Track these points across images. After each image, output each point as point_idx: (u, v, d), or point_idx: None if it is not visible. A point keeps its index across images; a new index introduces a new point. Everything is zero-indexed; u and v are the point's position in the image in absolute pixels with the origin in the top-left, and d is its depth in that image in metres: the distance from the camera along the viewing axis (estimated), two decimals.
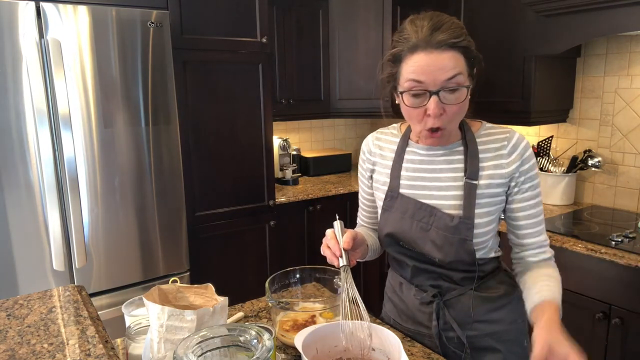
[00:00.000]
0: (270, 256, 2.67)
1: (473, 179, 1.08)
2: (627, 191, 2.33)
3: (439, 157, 1.13)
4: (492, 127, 1.15)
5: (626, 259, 1.75)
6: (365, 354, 0.96)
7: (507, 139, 1.10)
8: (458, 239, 1.08)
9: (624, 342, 1.80)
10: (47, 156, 1.86)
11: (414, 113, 1.04)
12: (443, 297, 1.16)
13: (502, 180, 1.10)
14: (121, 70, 1.98)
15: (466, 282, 1.14)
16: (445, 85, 0.99)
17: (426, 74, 0.98)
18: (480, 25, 2.46)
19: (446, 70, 0.98)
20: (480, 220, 1.09)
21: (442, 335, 1.16)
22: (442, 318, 1.16)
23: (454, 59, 0.99)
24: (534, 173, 1.11)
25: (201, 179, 2.39)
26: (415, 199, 1.13)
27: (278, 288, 1.22)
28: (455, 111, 1.02)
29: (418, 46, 0.99)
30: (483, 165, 1.10)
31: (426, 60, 0.98)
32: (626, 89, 2.27)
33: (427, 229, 1.11)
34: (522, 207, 1.12)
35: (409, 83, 1.01)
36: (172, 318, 0.88)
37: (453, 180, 1.11)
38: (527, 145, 1.11)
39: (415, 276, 1.20)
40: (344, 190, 2.92)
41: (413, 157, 1.16)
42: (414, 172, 1.15)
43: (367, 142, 1.27)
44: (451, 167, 1.12)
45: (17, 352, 0.76)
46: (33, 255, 1.90)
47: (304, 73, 3.00)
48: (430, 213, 1.11)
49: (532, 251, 1.14)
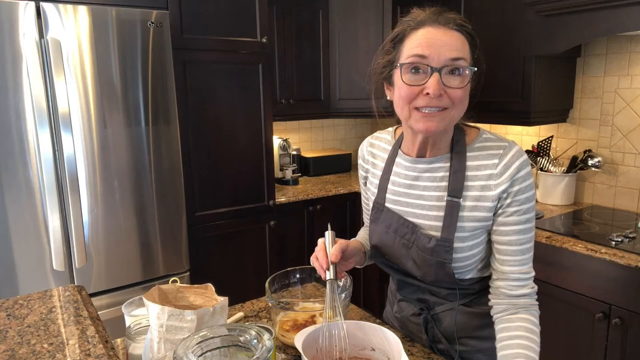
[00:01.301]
0: (270, 256, 2.67)
1: (455, 196, 1.00)
2: (627, 191, 2.33)
3: (424, 172, 1.06)
4: (489, 138, 1.04)
5: (626, 259, 1.75)
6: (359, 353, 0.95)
7: (500, 156, 0.99)
8: (436, 261, 1.02)
9: (624, 342, 1.80)
10: (47, 156, 1.86)
11: (409, 92, 0.94)
12: (431, 310, 1.13)
13: (489, 203, 0.99)
14: (121, 70, 1.98)
15: (453, 297, 1.10)
16: (450, 64, 0.91)
17: (431, 48, 0.91)
18: (480, 25, 2.45)
19: (452, 48, 0.91)
20: (462, 244, 1.01)
21: (434, 348, 1.15)
22: (430, 331, 1.14)
23: (460, 41, 0.93)
24: (525, 197, 0.98)
25: (201, 179, 2.39)
26: (399, 215, 1.08)
27: (278, 288, 1.22)
28: (457, 96, 0.93)
29: (425, 22, 0.94)
30: (469, 184, 1.00)
31: (433, 33, 0.92)
32: (626, 89, 2.27)
33: (409, 247, 1.06)
34: (503, 231, 1.00)
35: (411, 58, 0.93)
36: (172, 318, 0.88)
37: (436, 200, 1.03)
38: (522, 164, 0.98)
39: (401, 289, 1.19)
40: (344, 190, 2.92)
41: (399, 170, 1.10)
42: (399, 186, 1.10)
43: (361, 148, 1.23)
44: (434, 184, 1.04)
45: (17, 352, 0.76)
46: (33, 255, 1.90)
47: (304, 73, 3.00)
48: (412, 231, 1.05)
49: (508, 282, 1.00)
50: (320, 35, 3.01)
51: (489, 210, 1.00)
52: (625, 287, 1.78)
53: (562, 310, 1.99)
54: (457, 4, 2.54)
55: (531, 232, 1.01)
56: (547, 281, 2.01)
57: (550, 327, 2.05)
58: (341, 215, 2.96)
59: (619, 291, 1.80)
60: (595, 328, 1.88)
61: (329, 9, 3.01)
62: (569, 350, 1.99)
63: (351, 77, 3.05)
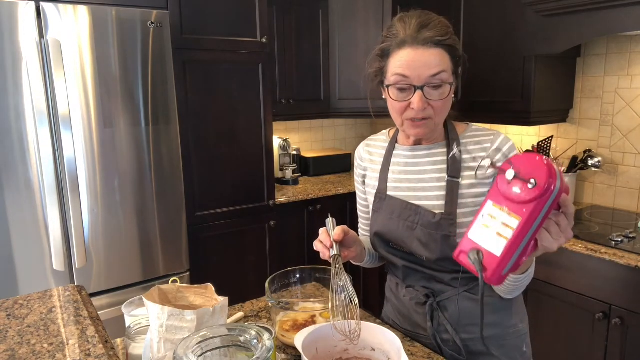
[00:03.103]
0: (270, 256, 2.67)
1: (455, 177, 1.09)
2: (627, 191, 2.33)
3: (423, 158, 1.15)
4: (478, 129, 1.15)
5: (626, 259, 1.75)
6: (359, 353, 0.96)
7: (492, 141, 1.10)
8: (441, 236, 1.08)
9: (624, 342, 1.80)
10: (47, 156, 1.86)
11: (398, 106, 1.06)
12: (436, 298, 1.15)
13: (485, 180, 1.09)
14: (121, 70, 1.98)
15: (456, 283, 1.13)
16: (430, 82, 1.02)
17: (412, 69, 1.01)
18: (480, 25, 2.46)
19: (431, 67, 1.01)
20: (465, 220, 1.08)
21: (437, 337, 1.16)
22: (436, 319, 1.15)
23: (439, 56, 1.02)
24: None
25: (201, 179, 2.39)
26: (401, 200, 1.15)
27: (278, 288, 1.22)
28: (439, 106, 1.04)
29: (405, 42, 1.03)
30: (465, 165, 1.10)
31: (413, 55, 1.02)
32: (626, 89, 2.27)
33: (413, 228, 1.12)
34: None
35: (395, 77, 1.04)
36: (172, 318, 0.88)
37: (437, 181, 1.12)
38: (512, 146, 1.10)
39: (407, 277, 1.20)
40: (344, 190, 2.92)
41: (399, 159, 1.19)
42: (399, 174, 1.18)
43: (358, 150, 1.31)
44: (434, 167, 1.13)
45: (17, 352, 0.76)
46: (33, 255, 1.90)
47: (304, 73, 3.00)
48: (415, 212, 1.12)
49: None
50: (320, 35, 3.01)
51: (487, 185, 1.08)
52: (625, 287, 1.78)
53: (562, 310, 1.99)
54: (457, 5, 2.54)
55: None
56: (547, 281, 2.01)
57: (550, 327, 2.05)
58: (341, 215, 2.96)
59: (619, 291, 1.80)
60: (595, 328, 1.88)
61: (329, 9, 3.01)
62: (569, 350, 2.00)
63: (351, 77, 3.05)
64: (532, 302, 2.08)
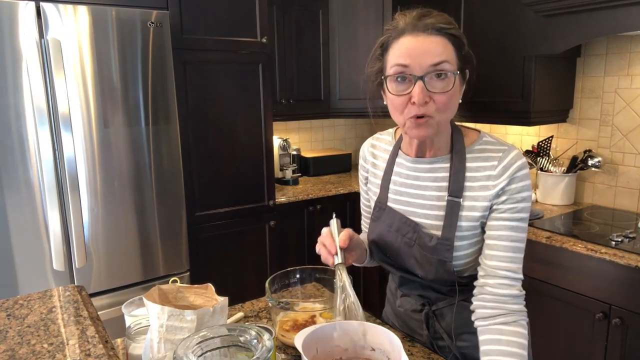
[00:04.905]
0: (270, 256, 2.67)
1: (456, 196, 1.02)
2: (627, 191, 2.33)
3: (425, 172, 1.08)
4: (489, 141, 1.05)
5: (626, 259, 1.75)
6: (359, 353, 0.95)
7: (500, 159, 1.00)
8: (437, 260, 1.03)
9: (624, 342, 1.80)
10: (47, 156, 1.86)
11: (399, 102, 0.97)
12: (432, 306, 1.14)
13: (486, 203, 1.00)
14: (121, 70, 1.98)
15: (454, 294, 1.10)
16: (432, 70, 0.93)
17: (412, 57, 0.93)
18: (480, 25, 2.46)
19: (433, 54, 0.93)
20: (462, 243, 1.03)
21: (434, 344, 1.15)
22: (432, 327, 1.14)
23: (441, 45, 0.94)
24: (521, 196, 0.99)
25: (201, 179, 2.39)
26: (401, 214, 1.10)
27: (278, 288, 1.22)
28: (442, 101, 0.95)
29: (405, 30, 0.96)
30: (469, 185, 1.02)
31: (412, 42, 0.94)
32: (626, 89, 2.27)
33: (410, 245, 1.07)
34: (495, 226, 1.00)
35: (394, 68, 0.96)
36: (172, 318, 0.88)
37: (437, 200, 1.05)
38: (521, 166, 0.99)
39: (403, 285, 1.19)
40: (344, 190, 2.92)
41: (400, 169, 1.12)
42: (400, 186, 1.12)
43: (363, 149, 1.24)
44: (435, 184, 1.06)
45: (17, 352, 0.76)
46: (33, 255, 1.90)
47: (304, 73, 3.00)
48: (414, 229, 1.07)
49: (496, 280, 0.99)
50: (320, 35, 3.01)
51: (484, 209, 1.01)
52: (625, 287, 1.78)
53: (562, 310, 1.99)
54: (457, 5, 2.54)
55: (523, 233, 1.00)
56: (547, 281, 2.01)
57: (550, 327, 2.05)
58: (341, 216, 2.95)
59: (619, 291, 1.80)
60: (595, 328, 1.88)
61: (329, 9, 3.01)
62: (569, 350, 1.99)
63: (351, 77, 3.05)
64: (532, 302, 2.07)
